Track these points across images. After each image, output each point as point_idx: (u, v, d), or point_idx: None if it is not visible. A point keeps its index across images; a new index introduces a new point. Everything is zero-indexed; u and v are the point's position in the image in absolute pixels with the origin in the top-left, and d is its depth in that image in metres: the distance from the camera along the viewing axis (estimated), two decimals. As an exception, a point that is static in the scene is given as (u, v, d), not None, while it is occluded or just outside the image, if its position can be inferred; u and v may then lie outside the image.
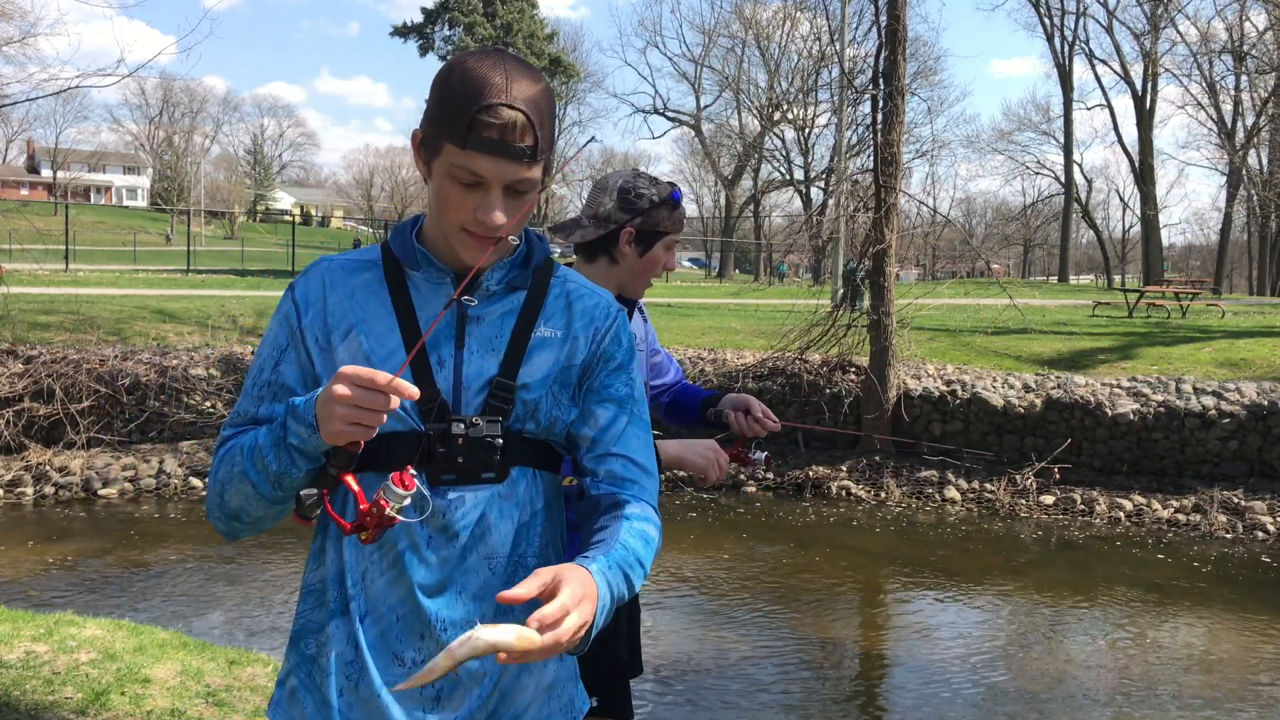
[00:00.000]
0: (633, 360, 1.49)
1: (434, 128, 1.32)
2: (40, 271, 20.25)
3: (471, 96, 1.27)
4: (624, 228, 2.22)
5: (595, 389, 1.44)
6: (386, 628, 1.37)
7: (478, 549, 1.37)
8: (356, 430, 1.20)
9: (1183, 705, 5.18)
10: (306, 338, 1.39)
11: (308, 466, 1.29)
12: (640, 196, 2.22)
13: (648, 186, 2.24)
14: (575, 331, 1.44)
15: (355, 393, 1.18)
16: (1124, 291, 21.08)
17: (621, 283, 2.29)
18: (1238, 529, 8.53)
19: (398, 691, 1.26)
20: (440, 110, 1.30)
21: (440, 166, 1.32)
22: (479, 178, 1.29)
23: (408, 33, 41.27)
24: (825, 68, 36.75)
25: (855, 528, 8.72)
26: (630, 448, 1.45)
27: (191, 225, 47.15)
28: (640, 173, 2.29)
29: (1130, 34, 41.97)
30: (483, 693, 1.38)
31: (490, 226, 1.31)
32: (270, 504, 1.34)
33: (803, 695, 5.30)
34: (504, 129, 1.27)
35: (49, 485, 8.80)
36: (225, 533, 1.42)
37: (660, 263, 2.31)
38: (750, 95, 50.79)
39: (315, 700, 1.39)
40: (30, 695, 3.66)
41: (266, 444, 1.30)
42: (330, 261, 1.46)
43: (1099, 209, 60.96)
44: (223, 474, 1.36)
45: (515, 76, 1.30)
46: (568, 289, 1.47)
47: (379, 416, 1.19)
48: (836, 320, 11.26)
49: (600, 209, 2.25)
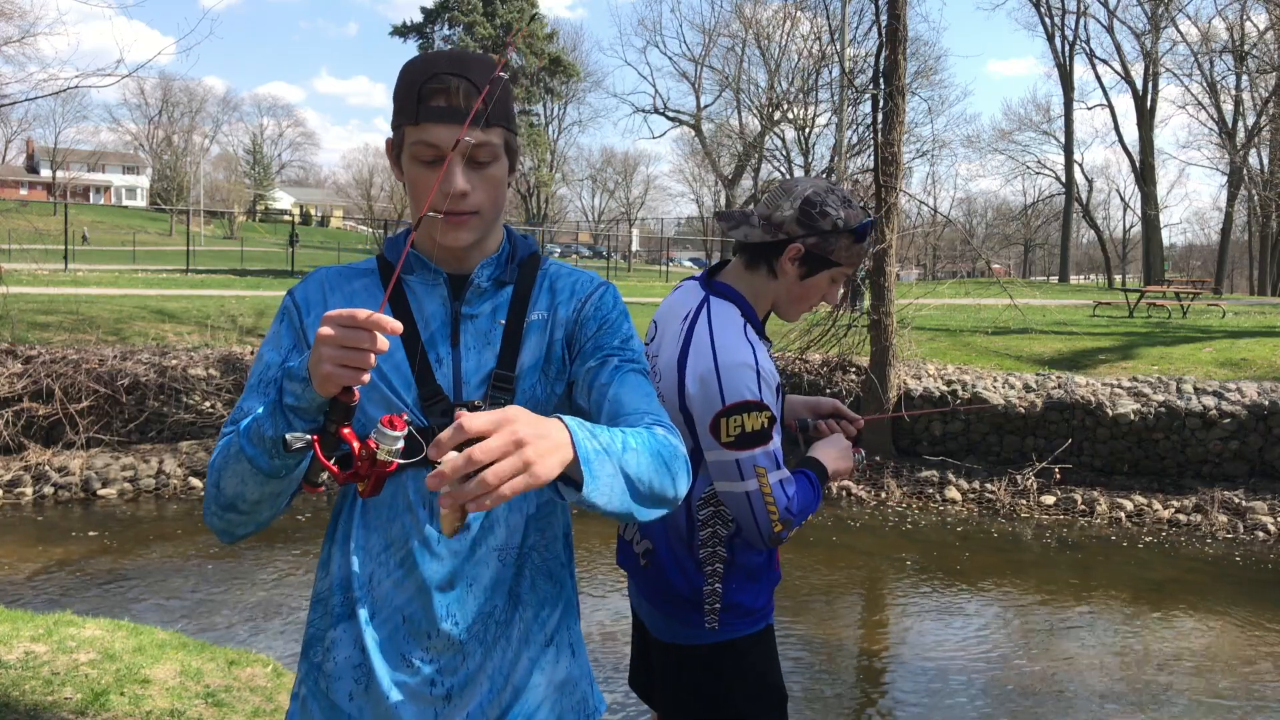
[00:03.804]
0: (625, 321, 1.49)
1: (394, 121, 1.39)
2: (39, 271, 20.25)
3: (418, 74, 1.35)
4: (793, 242, 1.99)
5: (588, 350, 1.45)
6: (394, 629, 1.37)
7: (487, 541, 1.39)
8: (345, 373, 1.16)
9: (1183, 705, 5.17)
10: (309, 337, 1.42)
11: (304, 427, 1.25)
12: (825, 215, 1.97)
13: (837, 207, 1.99)
14: (558, 304, 1.47)
15: (338, 331, 1.16)
16: (1125, 291, 21.08)
17: (777, 302, 2.10)
18: (1238, 529, 8.52)
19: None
20: (396, 102, 1.38)
21: (405, 156, 1.37)
22: (436, 148, 1.33)
23: (408, 32, 41.29)
24: (825, 67, 36.79)
25: (855, 528, 8.71)
26: (634, 399, 1.39)
27: (191, 225, 47.13)
28: (835, 187, 2.04)
29: (1131, 33, 42.06)
30: (493, 688, 1.38)
31: (455, 195, 1.33)
32: (268, 477, 1.29)
33: (803, 695, 5.29)
34: (449, 94, 1.33)
35: (48, 485, 8.79)
36: (221, 530, 1.39)
37: (821, 293, 2.08)
38: (750, 95, 50.80)
39: (323, 706, 1.40)
40: (29, 696, 3.65)
41: (263, 415, 1.28)
42: (328, 270, 1.50)
43: (1099, 209, 61.04)
44: (219, 462, 1.34)
45: (459, 55, 1.38)
46: (555, 275, 1.51)
47: (366, 356, 1.16)
48: (837, 320, 11.26)
49: (777, 213, 2.00)
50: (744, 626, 2.04)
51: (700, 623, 2.01)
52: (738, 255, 2.09)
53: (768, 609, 2.10)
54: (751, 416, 1.87)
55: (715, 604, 2.00)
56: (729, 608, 2.01)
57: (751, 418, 1.87)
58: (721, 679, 2.02)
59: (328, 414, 1.21)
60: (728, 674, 2.02)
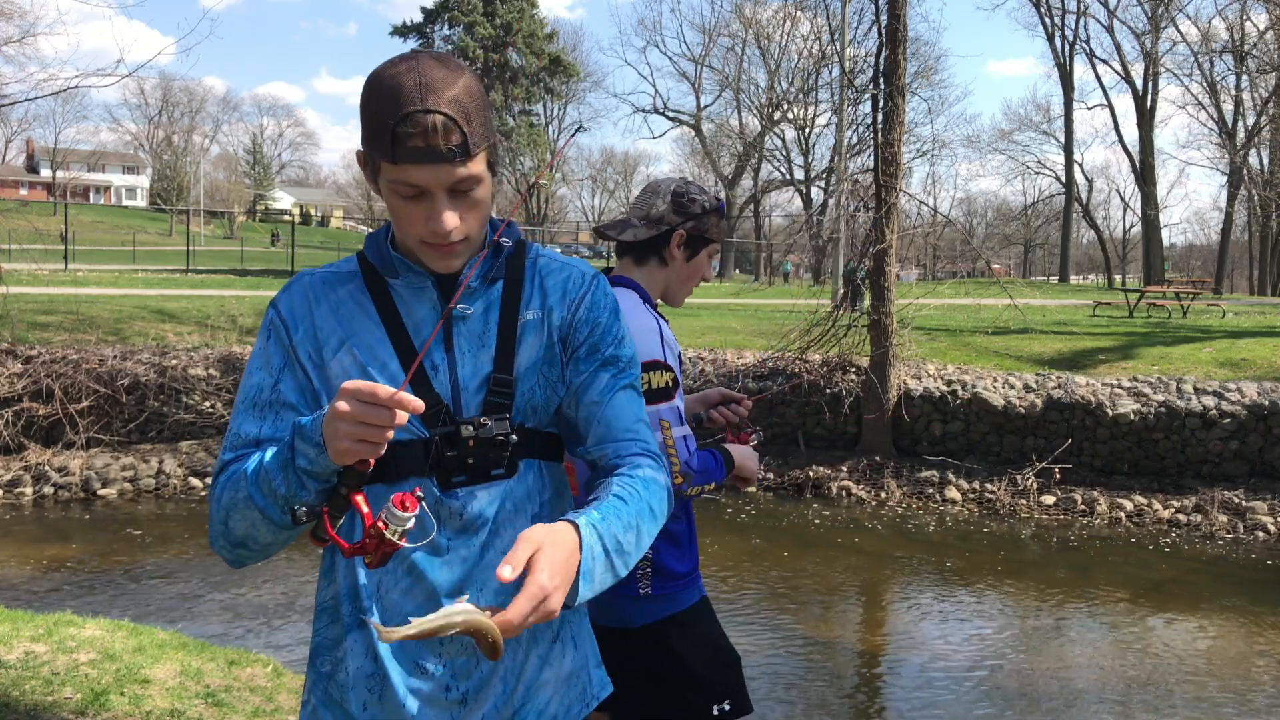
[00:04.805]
0: (615, 321, 1.48)
1: (367, 147, 1.30)
2: (39, 271, 20.25)
3: (388, 110, 1.24)
4: (676, 230, 2.25)
5: (581, 356, 1.43)
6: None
7: (495, 544, 1.37)
8: (363, 448, 1.17)
9: (1183, 705, 5.17)
10: (300, 354, 1.38)
11: (317, 488, 1.25)
12: (693, 201, 2.26)
13: (699, 193, 2.29)
14: (550, 305, 1.44)
15: (358, 409, 1.15)
16: (1125, 291, 21.08)
17: (669, 286, 2.31)
18: (1238, 529, 8.52)
19: (391, 639, 1.18)
20: (366, 130, 1.29)
21: (383, 184, 1.31)
22: (417, 188, 1.28)
23: (408, 32, 41.22)
24: (825, 67, 36.83)
25: (855, 528, 8.71)
26: (624, 420, 1.44)
27: (191, 225, 47.12)
28: (690, 180, 2.34)
29: (1131, 33, 42.05)
30: (506, 688, 1.39)
31: (442, 234, 1.29)
32: (279, 529, 1.30)
33: (803, 695, 5.29)
34: (426, 134, 1.24)
35: (48, 485, 8.79)
36: (231, 560, 1.38)
37: (703, 270, 2.33)
38: (750, 95, 50.81)
39: (336, 715, 1.39)
40: (29, 695, 3.65)
41: (273, 466, 1.26)
42: (311, 276, 1.44)
43: (1099, 209, 61.05)
44: (226, 500, 1.31)
45: (429, 78, 1.26)
46: (545, 268, 1.47)
47: (385, 433, 1.17)
48: (837, 320, 11.25)
49: (653, 210, 2.27)
50: (676, 591, 2.17)
51: (635, 590, 2.12)
52: (624, 257, 2.31)
53: (695, 575, 2.24)
54: (657, 374, 2.05)
55: (646, 568, 2.14)
56: (659, 571, 2.15)
57: (657, 375, 2.05)
58: (668, 653, 2.13)
59: (340, 476, 1.23)
60: (674, 645, 2.14)
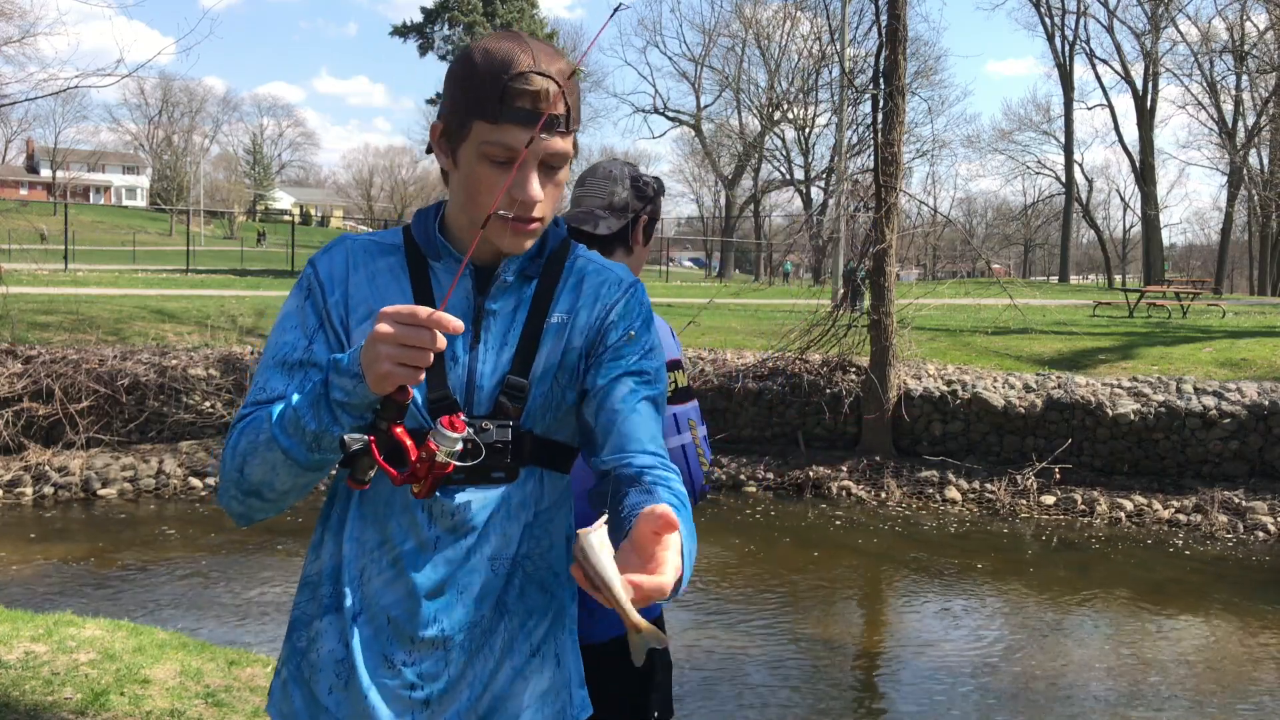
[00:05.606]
0: (647, 331, 1.42)
1: (460, 110, 1.28)
2: (39, 271, 20.25)
3: (500, 68, 1.25)
4: (640, 216, 2.22)
5: (605, 360, 1.38)
6: (379, 628, 1.34)
7: (482, 549, 1.34)
8: (404, 372, 1.14)
9: (1183, 705, 5.17)
10: (333, 316, 1.36)
11: (351, 423, 1.22)
12: (647, 185, 2.23)
13: (648, 176, 2.26)
14: (580, 307, 1.39)
15: (400, 330, 1.13)
16: (1125, 291, 21.08)
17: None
18: (1238, 529, 8.52)
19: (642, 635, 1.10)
20: (467, 91, 1.27)
21: (469, 150, 1.28)
22: (513, 151, 1.26)
23: (407, 32, 41.21)
24: (825, 67, 36.80)
25: (855, 528, 8.71)
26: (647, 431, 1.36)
27: (191, 225, 47.11)
28: (628, 162, 2.31)
29: (1131, 33, 42.02)
30: (472, 695, 1.35)
31: (529, 203, 1.28)
32: (303, 469, 1.26)
33: (803, 695, 5.29)
34: (536, 97, 1.24)
35: (48, 485, 8.79)
36: (239, 514, 1.34)
37: (649, 253, 2.33)
38: (750, 95, 50.81)
39: (304, 695, 1.37)
40: (29, 695, 3.65)
41: (302, 405, 1.23)
42: (354, 240, 1.42)
43: (1099, 209, 61.03)
44: (244, 445, 1.28)
45: (540, 49, 1.28)
46: (582, 269, 1.43)
47: (425, 355, 1.14)
48: (837, 320, 11.26)
49: (616, 198, 2.21)
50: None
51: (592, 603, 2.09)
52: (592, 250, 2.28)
53: None
54: (681, 374, 2.02)
55: None
56: None
57: (682, 375, 2.02)
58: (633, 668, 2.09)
59: (378, 411, 1.19)
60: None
